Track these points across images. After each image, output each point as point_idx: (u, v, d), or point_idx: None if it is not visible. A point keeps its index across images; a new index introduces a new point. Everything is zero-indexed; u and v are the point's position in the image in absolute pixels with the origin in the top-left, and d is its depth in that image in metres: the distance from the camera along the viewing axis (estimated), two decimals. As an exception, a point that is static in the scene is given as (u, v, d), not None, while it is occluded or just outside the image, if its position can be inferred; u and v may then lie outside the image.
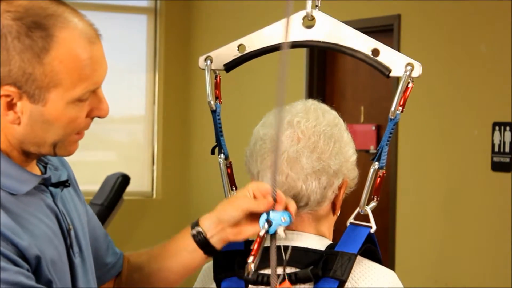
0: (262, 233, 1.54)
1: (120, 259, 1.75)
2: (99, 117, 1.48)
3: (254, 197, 1.58)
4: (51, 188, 1.53)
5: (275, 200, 1.54)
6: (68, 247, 1.52)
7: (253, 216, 1.58)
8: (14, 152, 1.47)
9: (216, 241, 1.62)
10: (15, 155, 1.47)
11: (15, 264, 1.37)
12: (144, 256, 1.74)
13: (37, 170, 1.54)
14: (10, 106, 1.42)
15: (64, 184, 1.56)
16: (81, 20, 1.44)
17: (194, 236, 1.62)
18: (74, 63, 1.40)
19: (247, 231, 1.60)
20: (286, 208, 1.57)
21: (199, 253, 1.63)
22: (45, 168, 1.56)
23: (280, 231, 1.55)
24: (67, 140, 1.47)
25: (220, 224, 1.60)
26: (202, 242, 1.62)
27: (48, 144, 1.46)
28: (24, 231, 1.41)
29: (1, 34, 1.38)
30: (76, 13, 1.45)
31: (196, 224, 1.63)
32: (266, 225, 1.54)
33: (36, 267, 1.41)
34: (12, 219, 1.40)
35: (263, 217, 1.55)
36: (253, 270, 1.51)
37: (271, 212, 1.54)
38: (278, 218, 1.54)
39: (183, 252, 1.65)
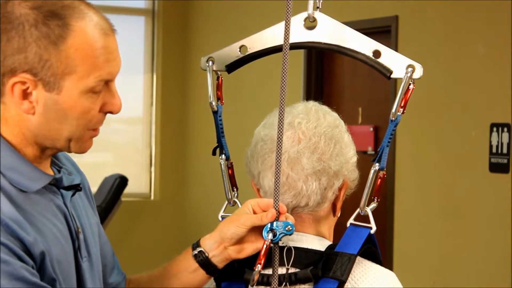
0: (267, 243, 1.55)
1: (124, 280, 1.75)
2: (111, 112, 1.50)
3: (254, 212, 1.60)
4: (62, 191, 1.54)
5: (277, 211, 1.56)
6: (76, 250, 1.53)
7: (254, 233, 1.60)
8: (29, 148, 1.48)
9: (219, 261, 1.63)
10: (29, 151, 1.48)
11: (20, 259, 1.38)
12: (145, 277, 1.75)
13: (50, 172, 1.55)
14: (25, 95, 1.44)
15: (76, 188, 1.57)
16: (96, 13, 1.48)
17: (195, 257, 1.63)
18: (89, 51, 1.44)
19: (249, 248, 1.61)
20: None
21: (201, 272, 1.64)
22: (59, 172, 1.57)
23: (284, 239, 1.57)
24: (82, 135, 1.49)
25: (222, 243, 1.62)
26: (204, 262, 1.63)
27: (63, 138, 1.48)
28: (32, 227, 1.42)
29: (18, 22, 1.42)
30: (91, 7, 1.49)
31: (197, 245, 1.65)
32: (270, 235, 1.55)
33: (40, 264, 1.42)
34: (21, 214, 1.42)
35: (266, 228, 1.56)
36: (256, 280, 1.52)
37: (274, 222, 1.56)
38: (282, 227, 1.56)
39: (184, 273, 1.66)
